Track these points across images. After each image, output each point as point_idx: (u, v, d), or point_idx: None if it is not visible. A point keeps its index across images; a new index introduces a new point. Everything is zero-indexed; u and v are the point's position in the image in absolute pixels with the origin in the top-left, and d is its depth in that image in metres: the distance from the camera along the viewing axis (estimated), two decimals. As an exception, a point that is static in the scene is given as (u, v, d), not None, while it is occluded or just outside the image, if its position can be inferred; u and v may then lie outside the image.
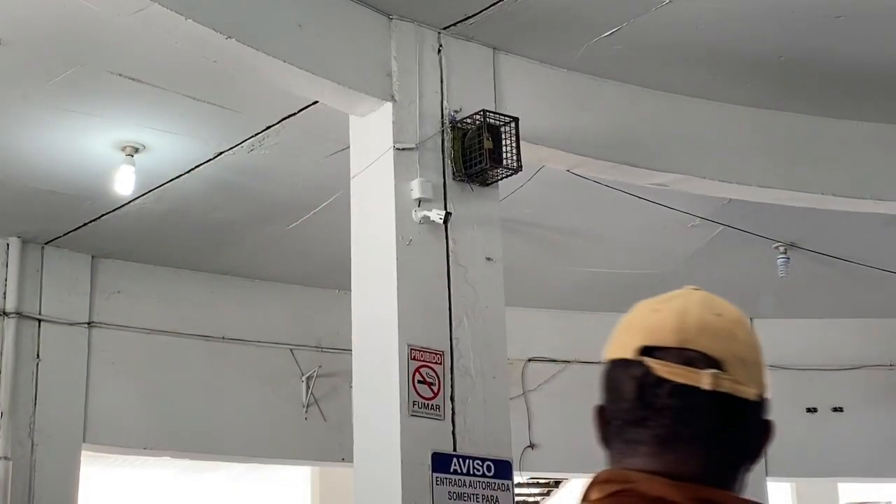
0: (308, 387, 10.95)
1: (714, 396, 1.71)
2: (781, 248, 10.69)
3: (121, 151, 8.49)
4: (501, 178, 6.97)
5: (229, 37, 6.13)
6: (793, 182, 8.58)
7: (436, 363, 6.42)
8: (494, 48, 7.42)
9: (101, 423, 10.18)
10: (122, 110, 8.03)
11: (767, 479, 12.11)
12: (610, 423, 1.82)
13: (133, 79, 7.53)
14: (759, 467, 9.35)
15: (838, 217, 9.42)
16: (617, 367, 1.85)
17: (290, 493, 15.90)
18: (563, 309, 12.03)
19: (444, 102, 7.00)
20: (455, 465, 6.27)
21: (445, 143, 6.89)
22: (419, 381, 6.33)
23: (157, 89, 7.68)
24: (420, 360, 6.37)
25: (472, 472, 6.32)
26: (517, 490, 8.70)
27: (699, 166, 8.32)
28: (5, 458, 9.52)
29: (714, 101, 8.35)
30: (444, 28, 7.17)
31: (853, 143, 8.79)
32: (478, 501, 6.29)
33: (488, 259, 6.87)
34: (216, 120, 8.18)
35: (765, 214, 9.60)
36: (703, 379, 1.70)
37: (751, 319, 11.65)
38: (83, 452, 10.09)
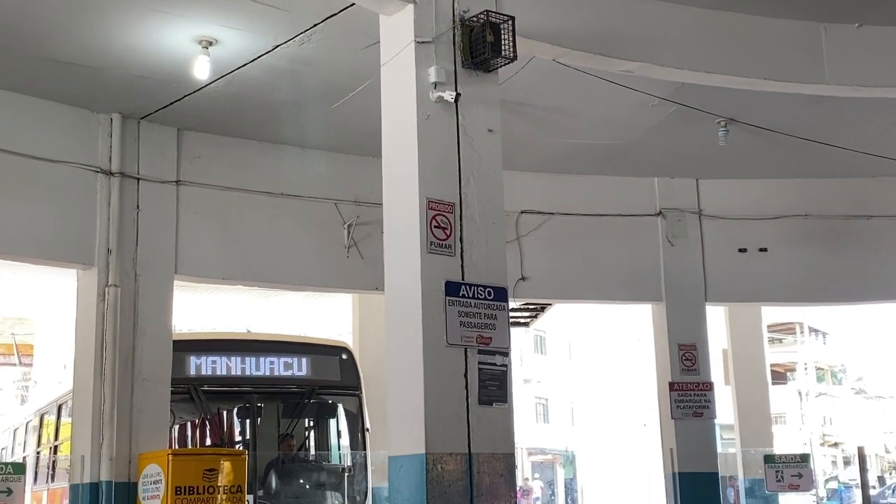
0: (349, 232, 10.99)
1: None
2: (722, 123, 10.61)
3: (198, 44, 8.41)
4: (500, 66, 6.85)
5: (283, -50, 5.99)
6: (733, 68, 8.47)
7: (448, 212, 6.42)
8: (496, -40, 7.24)
9: (189, 259, 10.25)
10: (199, 10, 7.92)
11: (707, 303, 12.23)
12: None
13: (206, -15, 7.41)
14: (699, 294, 9.53)
15: (769, 97, 9.33)
16: None
17: (336, 313, 16.13)
18: (549, 172, 11.98)
19: (455, 4, 6.81)
20: (463, 290, 6.31)
21: (456, 38, 6.75)
22: (435, 227, 6.34)
23: (226, -7, 7.57)
24: (436, 210, 6.37)
25: (476, 297, 6.37)
26: (511, 313, 8.80)
27: (658, 56, 8.21)
28: (115, 285, 9.63)
29: (671, 2, 8.20)
30: (456, -58, 6.97)
31: (783, 37, 8.65)
32: (480, 318, 6.35)
33: (490, 131, 6.79)
34: (273, 18, 8.07)
35: (710, 95, 9.50)
36: None
37: (696, 180, 11.68)
38: (175, 282, 10.20)
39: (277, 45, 8.50)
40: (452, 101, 6.52)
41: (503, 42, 6.70)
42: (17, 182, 9.31)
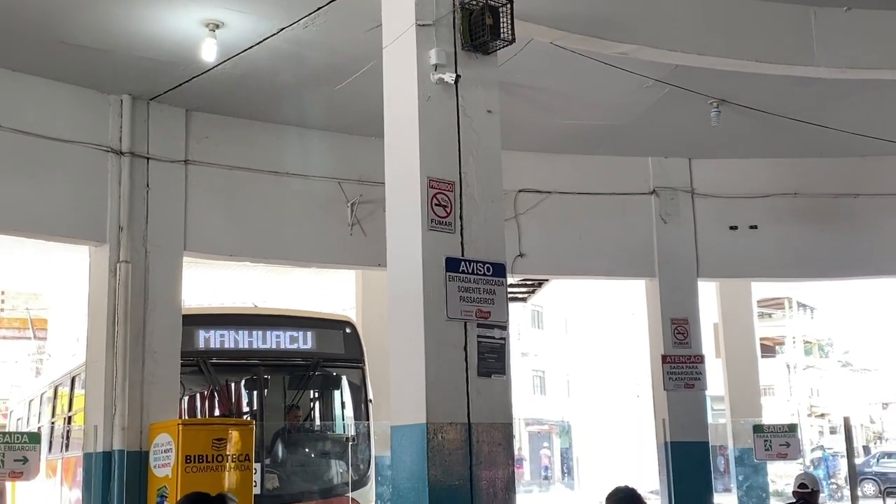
0: (352, 210, 10.99)
1: None
2: (714, 104, 10.58)
3: (205, 27, 8.38)
4: (499, 48, 6.81)
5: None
6: (725, 51, 8.44)
7: (448, 191, 6.41)
8: (495, -55, 7.19)
9: (197, 236, 10.26)
10: (205, -5, 7.87)
11: (699, 279, 12.25)
12: None
13: (213, -31, 7.37)
14: (691, 270, 9.53)
15: (760, 78, 9.29)
16: None
17: (340, 289, 16.16)
18: (547, 152, 11.97)
19: (455, -13, 6.80)
20: (463, 266, 6.31)
21: (456, 21, 6.71)
22: (436, 205, 6.33)
23: (232, -22, 7.52)
24: (436, 188, 6.36)
25: (475, 272, 6.37)
26: (510, 288, 8.82)
27: (653, 39, 8.18)
28: (126, 261, 9.64)
29: (666, -13, 8.18)
30: (456, -72, 6.92)
31: (773, 20, 8.62)
32: (480, 294, 6.35)
33: (489, 112, 6.77)
34: (278, 2, 8.04)
35: (702, 77, 9.47)
36: None
37: (689, 160, 11.68)
38: (184, 258, 10.20)
39: (282, 28, 8.47)
40: (452, 82, 6.49)
41: (502, 25, 6.67)
42: (32, 162, 9.31)
